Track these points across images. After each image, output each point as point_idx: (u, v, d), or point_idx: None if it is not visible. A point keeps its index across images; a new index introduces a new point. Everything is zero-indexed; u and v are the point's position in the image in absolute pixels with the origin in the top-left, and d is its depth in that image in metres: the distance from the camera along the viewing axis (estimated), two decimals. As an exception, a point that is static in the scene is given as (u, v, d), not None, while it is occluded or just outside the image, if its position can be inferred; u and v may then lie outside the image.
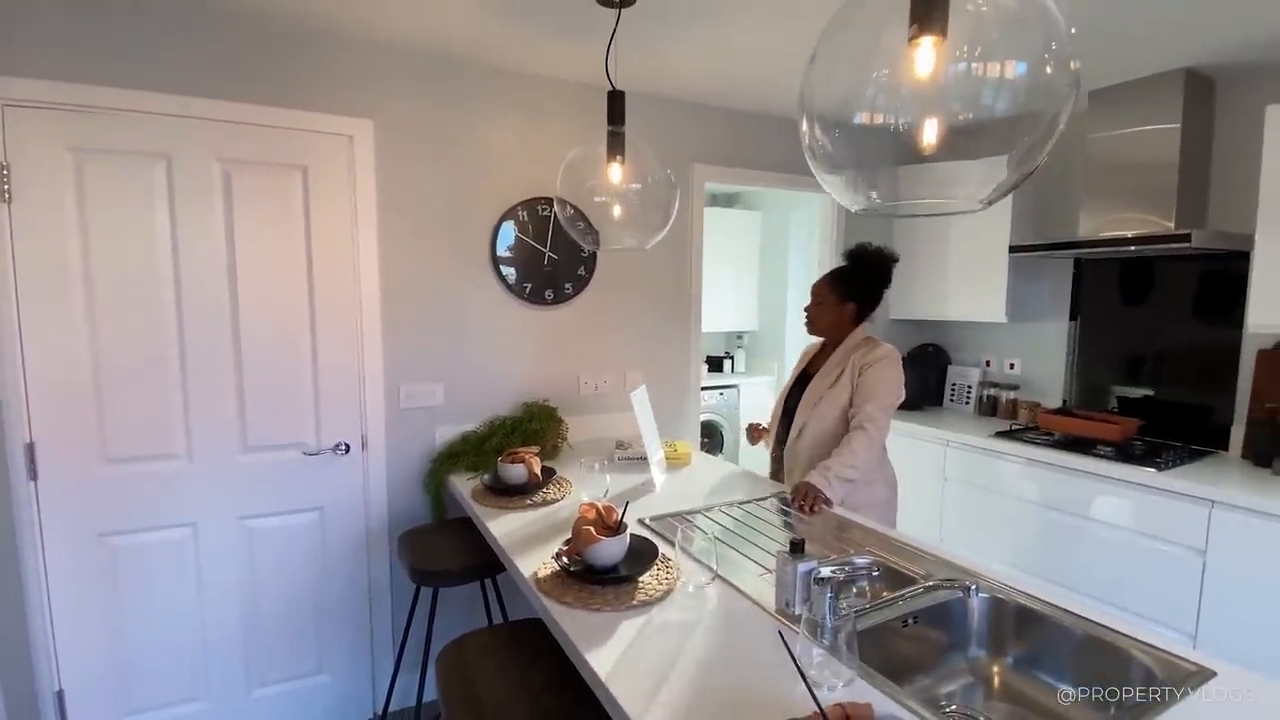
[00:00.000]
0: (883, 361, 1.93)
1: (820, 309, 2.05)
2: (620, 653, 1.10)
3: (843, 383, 1.97)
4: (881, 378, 1.91)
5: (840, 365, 1.99)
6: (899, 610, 1.26)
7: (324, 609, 2.22)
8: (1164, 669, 1.06)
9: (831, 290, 2.04)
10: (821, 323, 2.07)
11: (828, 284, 2.06)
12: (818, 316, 2.07)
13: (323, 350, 2.14)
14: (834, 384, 1.98)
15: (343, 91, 2.11)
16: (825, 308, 2.04)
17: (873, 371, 1.92)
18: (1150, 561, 2.22)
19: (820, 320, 2.06)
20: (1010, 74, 0.85)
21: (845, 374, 1.97)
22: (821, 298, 2.05)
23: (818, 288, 2.07)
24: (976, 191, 0.91)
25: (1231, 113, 2.44)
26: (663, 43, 2.13)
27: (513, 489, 1.91)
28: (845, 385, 1.96)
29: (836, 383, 1.98)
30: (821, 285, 2.07)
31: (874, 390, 1.90)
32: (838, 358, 2.02)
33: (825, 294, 2.04)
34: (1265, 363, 2.38)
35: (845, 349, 2.02)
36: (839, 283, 2.04)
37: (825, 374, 2.03)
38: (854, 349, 2.00)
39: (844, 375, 1.97)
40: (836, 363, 2.01)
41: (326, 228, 2.12)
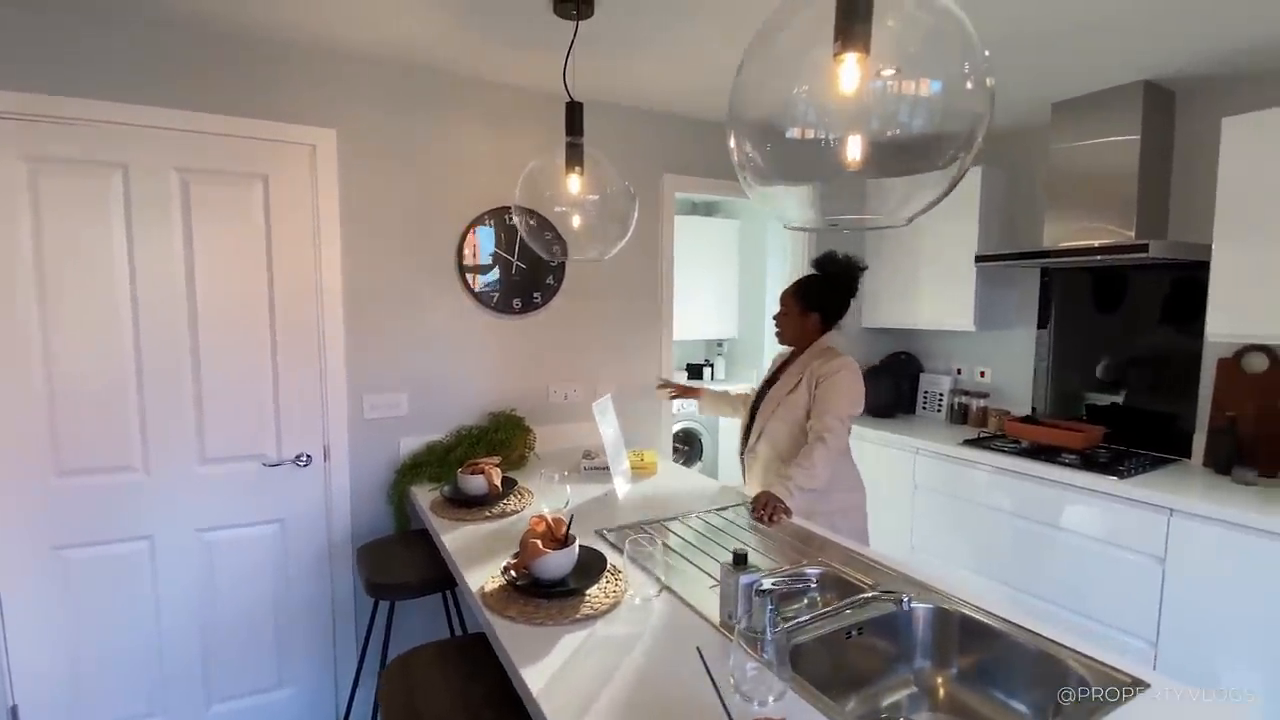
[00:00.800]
0: (839, 373, 1.94)
1: (786, 319, 2.09)
2: (557, 668, 1.09)
3: (800, 391, 1.99)
4: (838, 389, 1.92)
5: (799, 374, 2.02)
6: (844, 622, 1.26)
7: (285, 622, 2.20)
8: (1099, 679, 1.06)
9: (795, 300, 2.07)
10: (787, 332, 2.10)
11: (791, 294, 2.08)
12: (784, 326, 2.10)
13: (284, 361, 2.13)
14: (791, 391, 2.01)
15: (305, 101, 2.11)
16: (790, 318, 2.07)
17: (829, 383, 1.93)
18: (1113, 569, 2.24)
19: (786, 330, 2.10)
20: (928, 92, 0.85)
21: (803, 383, 2.00)
22: (786, 308, 2.08)
23: (784, 298, 2.10)
24: (900, 207, 0.92)
25: (1191, 124, 2.48)
26: (626, 54, 2.14)
27: (472, 500, 1.90)
28: (802, 394, 1.99)
29: (794, 390, 2.01)
30: (786, 295, 2.10)
31: (831, 401, 1.91)
32: (798, 366, 2.05)
33: (789, 304, 2.07)
34: (1225, 371, 2.40)
35: (806, 358, 2.05)
36: (802, 293, 2.07)
37: (785, 381, 2.06)
38: (813, 358, 2.02)
39: (801, 384, 2.00)
40: (796, 371, 2.04)
41: (288, 237, 2.11)
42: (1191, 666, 2.05)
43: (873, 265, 3.40)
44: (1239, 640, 1.95)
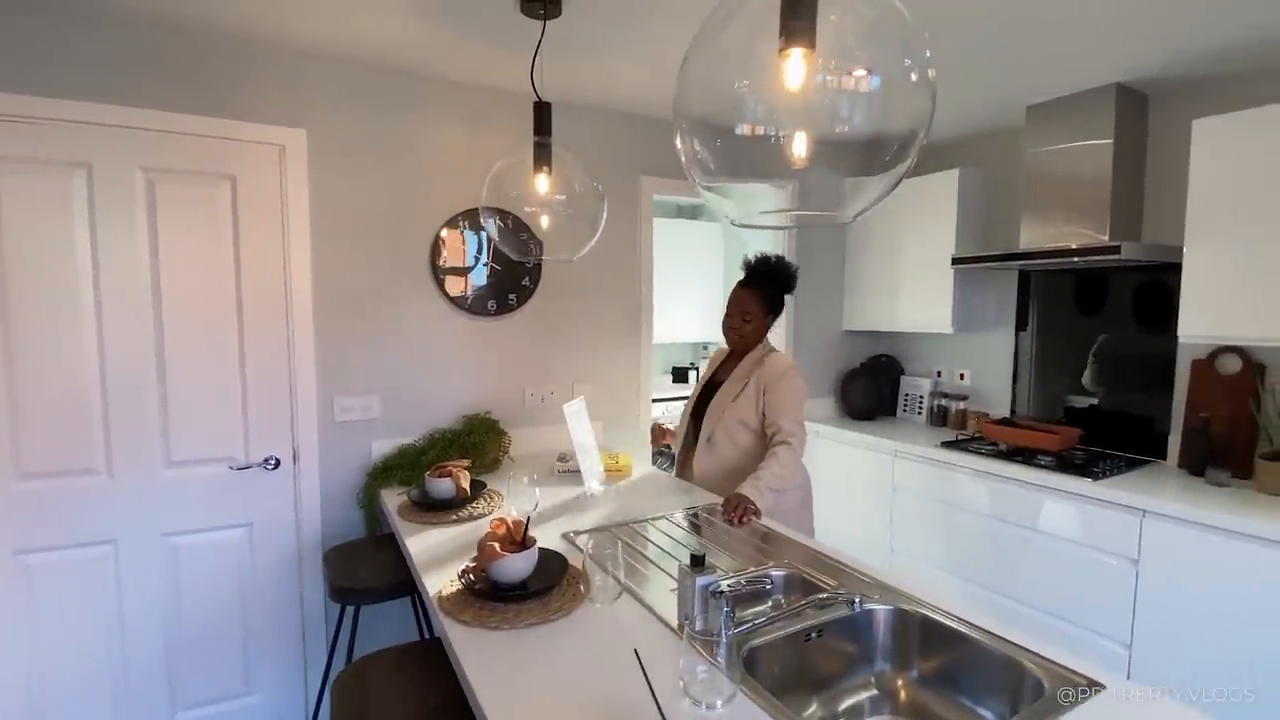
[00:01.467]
0: (785, 378, 1.99)
1: (747, 325, 2.07)
2: (508, 673, 1.07)
3: (747, 395, 2.02)
4: (789, 392, 1.98)
5: (745, 377, 2.05)
6: (804, 624, 1.24)
7: (254, 628, 2.17)
8: (1054, 681, 1.05)
9: (761, 305, 2.07)
10: (749, 340, 2.09)
11: (757, 300, 2.07)
12: (747, 334, 2.08)
13: (252, 363, 2.10)
14: (738, 396, 2.04)
15: (274, 101, 2.09)
16: (755, 323, 2.07)
17: (780, 387, 1.98)
18: (1087, 571, 2.23)
19: (751, 335, 2.09)
20: (870, 89, 0.85)
21: (750, 387, 2.02)
22: (750, 313, 2.06)
23: (744, 301, 2.06)
24: (845, 205, 0.91)
25: (1163, 127, 2.49)
26: (596, 55, 2.13)
27: (439, 504, 1.88)
28: (750, 398, 2.01)
29: (741, 395, 2.03)
30: (750, 301, 2.06)
31: (784, 406, 1.96)
32: (744, 369, 2.08)
33: (755, 309, 2.06)
34: (1199, 372, 2.41)
35: (751, 360, 2.08)
36: (768, 299, 2.08)
37: (732, 384, 2.08)
38: (758, 361, 2.06)
39: (748, 388, 2.02)
40: (742, 374, 2.06)
41: (257, 238, 2.09)
42: (1165, 668, 2.04)
43: (853, 267, 3.41)
44: (1212, 641, 1.94)
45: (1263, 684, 1.84)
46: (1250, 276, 2.05)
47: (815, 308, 3.39)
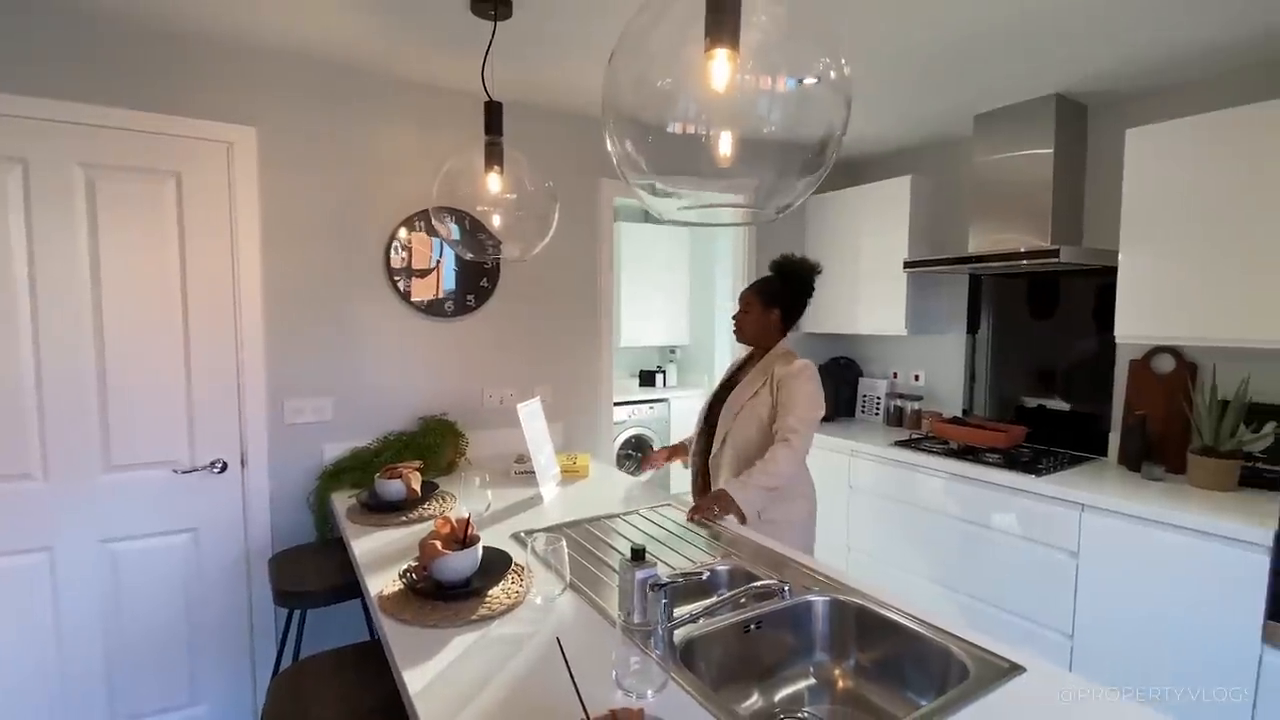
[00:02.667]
0: (799, 376, 1.93)
1: (746, 316, 2.07)
2: (441, 669, 1.07)
3: (762, 395, 1.97)
4: (801, 391, 1.91)
5: (762, 377, 2.00)
6: (744, 616, 1.26)
7: (199, 636, 2.12)
8: (979, 665, 1.09)
9: (756, 297, 2.05)
10: (748, 330, 2.08)
11: (753, 291, 2.08)
12: (744, 324, 2.08)
13: (198, 364, 2.06)
14: (754, 395, 1.98)
15: (222, 97, 2.06)
16: (751, 315, 2.06)
17: (791, 385, 1.92)
18: (1031, 565, 2.30)
19: (746, 328, 2.07)
20: (788, 90, 0.87)
21: (765, 386, 1.97)
22: (747, 305, 2.06)
23: (744, 295, 2.09)
24: (768, 201, 0.93)
25: (1101, 136, 2.59)
26: (549, 56, 2.14)
27: (389, 506, 1.86)
28: (765, 398, 1.96)
29: (757, 395, 1.98)
30: (748, 293, 2.09)
31: (794, 404, 1.90)
32: (760, 369, 2.03)
33: (751, 301, 2.06)
34: (1136, 372, 2.51)
35: (768, 360, 2.03)
36: (763, 290, 2.06)
37: (747, 385, 2.02)
38: (774, 361, 2.01)
39: (764, 387, 1.97)
40: (758, 374, 2.02)
41: (203, 237, 2.06)
42: (1105, 657, 2.11)
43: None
44: (1148, 629, 2.02)
45: (1192, 667, 1.91)
46: (1182, 279, 2.15)
47: (775, 310, 3.44)
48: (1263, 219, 1.96)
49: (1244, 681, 1.81)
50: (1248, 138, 1.99)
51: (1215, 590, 1.87)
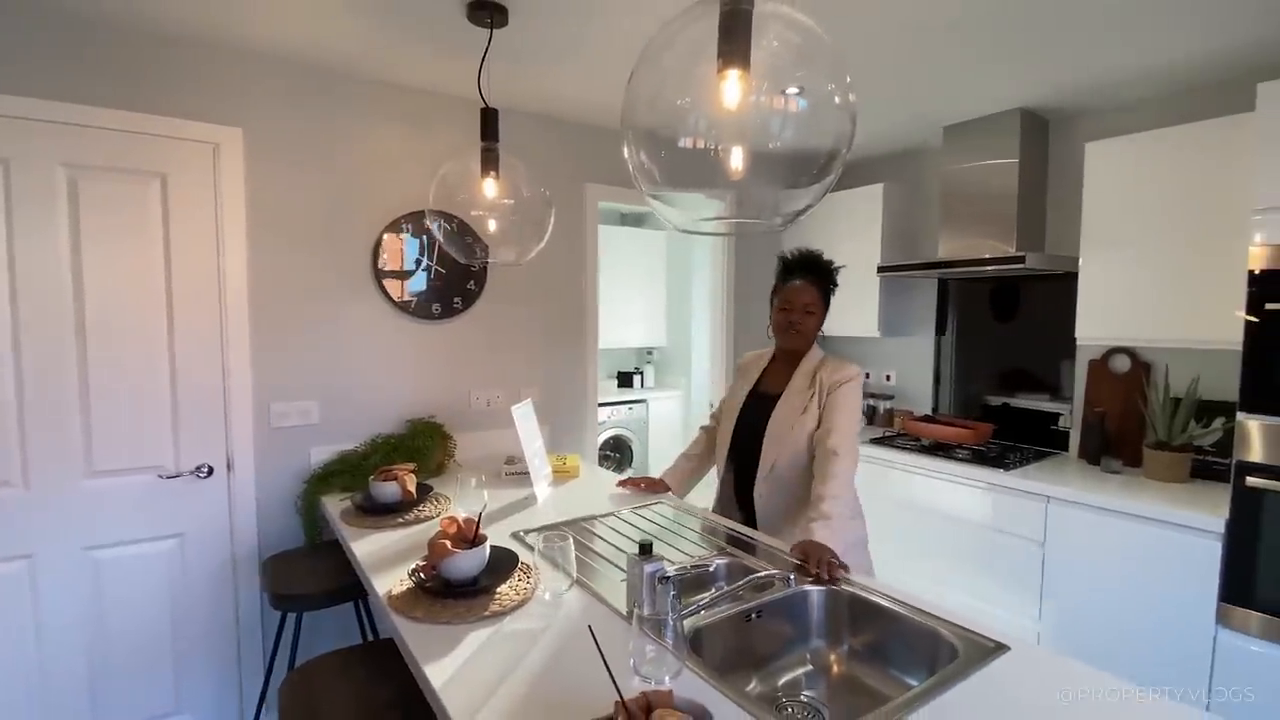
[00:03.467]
0: (854, 381, 1.76)
1: (811, 318, 1.81)
2: (461, 664, 1.10)
3: (813, 407, 1.75)
4: (854, 396, 1.74)
5: (809, 387, 1.78)
6: (744, 606, 1.32)
7: (185, 643, 2.09)
8: (966, 645, 1.17)
9: (821, 302, 1.82)
10: (809, 337, 1.83)
11: (819, 293, 1.82)
12: (810, 328, 1.81)
13: (183, 368, 2.03)
14: (805, 410, 1.76)
15: (208, 98, 2.04)
16: (815, 317, 1.81)
17: (843, 390, 1.74)
18: (1001, 554, 2.42)
19: (808, 334, 1.82)
20: (799, 109, 0.93)
21: (814, 397, 1.76)
22: (814, 306, 1.80)
23: (809, 296, 1.80)
24: (776, 213, 0.99)
25: (1062, 148, 2.74)
26: (543, 64, 2.18)
27: (384, 508, 1.87)
28: (814, 410, 1.75)
29: (807, 409, 1.76)
30: (813, 293, 1.81)
31: (844, 411, 1.72)
32: (803, 378, 1.80)
33: (818, 303, 1.81)
34: (1094, 372, 2.66)
35: (809, 367, 1.81)
36: (826, 294, 1.83)
37: (793, 398, 1.79)
38: (818, 367, 1.80)
39: (813, 399, 1.76)
40: (804, 384, 1.79)
41: (189, 239, 2.03)
42: (1071, 640, 2.24)
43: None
44: (1110, 613, 2.15)
45: (1152, 647, 2.05)
46: (1137, 284, 2.29)
47: (754, 313, 3.53)
48: (1210, 228, 2.12)
49: (1200, 659, 1.95)
50: (1196, 152, 2.14)
51: (1172, 575, 2.01)
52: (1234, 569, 1.89)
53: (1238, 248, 1.96)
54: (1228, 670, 1.90)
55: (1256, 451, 1.86)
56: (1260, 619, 1.84)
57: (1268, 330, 1.83)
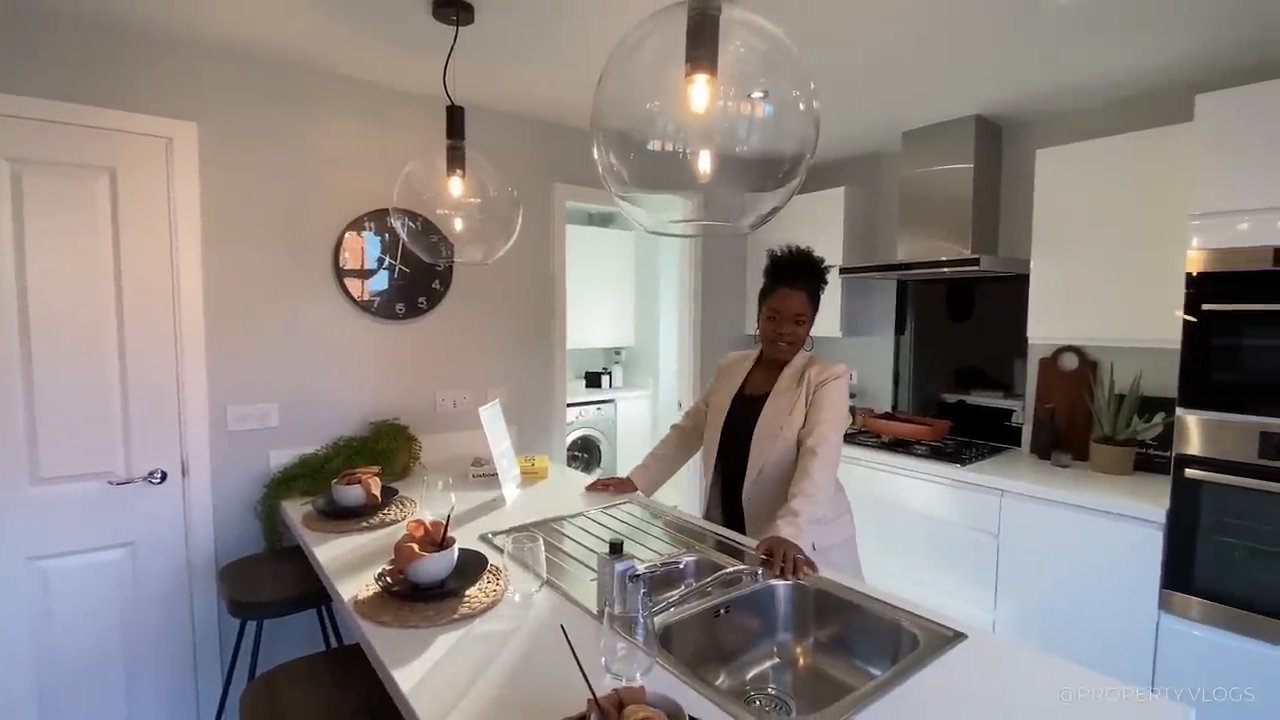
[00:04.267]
0: (840, 379, 1.73)
1: (801, 328, 1.77)
2: (430, 667, 1.09)
3: (799, 408, 1.73)
4: (839, 393, 1.72)
5: (796, 388, 1.75)
6: (713, 602, 1.34)
7: (137, 653, 2.01)
8: (927, 635, 1.21)
9: (813, 308, 1.78)
10: (799, 345, 1.80)
11: (807, 299, 1.76)
12: (800, 339, 1.78)
13: (134, 370, 1.96)
14: (792, 410, 1.73)
15: (161, 91, 1.97)
16: (805, 326, 1.77)
17: (828, 389, 1.71)
18: (958, 546, 2.51)
19: (800, 342, 1.79)
20: (765, 115, 0.95)
21: (801, 397, 1.73)
22: (804, 315, 1.76)
23: (798, 305, 1.75)
24: (743, 216, 1.01)
25: (1014, 154, 2.84)
26: (510, 62, 2.17)
27: (348, 512, 1.83)
28: (802, 410, 1.73)
29: (794, 409, 1.73)
30: (802, 300, 1.76)
31: (828, 408, 1.69)
32: (789, 379, 1.78)
33: (807, 311, 1.77)
34: (1045, 370, 2.76)
35: (796, 367, 1.79)
36: (815, 298, 1.78)
37: (780, 398, 1.76)
38: (806, 366, 1.78)
39: (800, 399, 1.73)
40: (791, 384, 1.77)
41: (140, 236, 1.96)
42: (1024, 626, 2.33)
43: (754, 275, 3.61)
44: (1061, 600, 2.24)
45: (1100, 632, 2.14)
46: (1085, 286, 2.39)
47: (720, 313, 3.57)
48: (1151, 232, 2.22)
49: (1144, 643, 2.05)
50: (1139, 160, 2.25)
51: (1117, 563, 2.10)
52: (1174, 557, 1.99)
53: (1177, 251, 2.06)
54: (1170, 653, 2.00)
55: (1194, 445, 1.96)
56: (1200, 604, 1.94)
57: (1204, 330, 1.94)
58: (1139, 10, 1.78)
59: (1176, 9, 1.77)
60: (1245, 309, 1.86)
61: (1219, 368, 1.91)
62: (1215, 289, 1.91)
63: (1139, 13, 1.79)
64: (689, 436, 2.11)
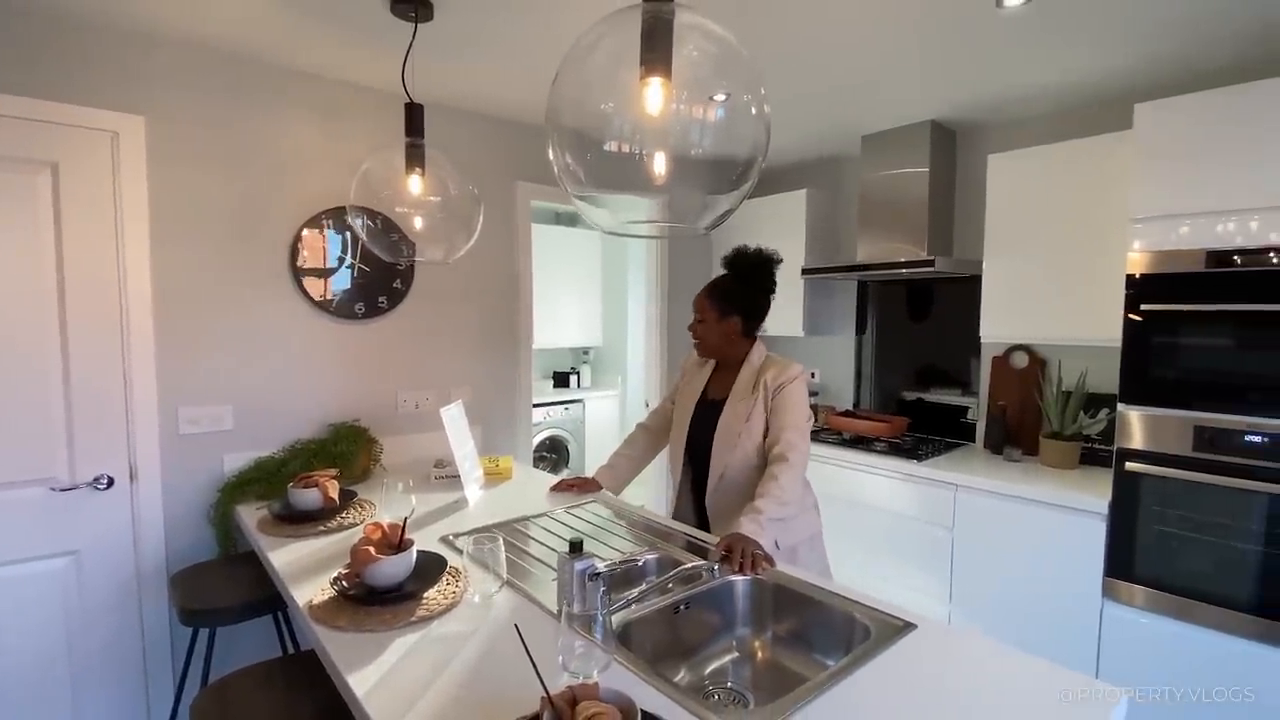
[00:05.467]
0: (797, 381, 1.75)
1: (703, 326, 1.82)
2: (386, 670, 1.08)
3: (757, 413, 1.75)
4: (798, 396, 1.74)
5: (752, 393, 1.76)
6: (673, 598, 1.35)
7: (84, 665, 1.94)
8: (879, 626, 1.24)
9: (711, 303, 1.80)
10: (708, 342, 1.83)
11: (705, 297, 1.82)
12: (703, 335, 1.83)
13: (78, 371, 1.89)
14: (749, 417, 1.75)
15: (106, 83, 1.91)
16: (708, 325, 1.81)
17: (786, 393, 1.73)
18: (916, 540, 2.57)
19: (707, 339, 1.83)
20: (717, 118, 0.97)
21: (759, 403, 1.75)
22: (702, 314, 1.81)
23: (698, 303, 1.83)
24: (699, 217, 1.03)
25: (968, 159, 2.93)
26: (470, 60, 2.15)
27: (305, 516, 1.80)
28: (760, 415, 1.75)
29: (751, 415, 1.75)
30: (700, 300, 1.83)
31: (790, 412, 1.71)
32: (745, 383, 1.78)
33: (705, 309, 1.81)
34: (997, 368, 2.85)
35: (751, 372, 1.79)
36: (716, 295, 1.80)
37: (737, 404, 1.78)
38: (762, 370, 1.78)
39: (757, 404, 1.75)
40: (746, 390, 1.78)
41: (85, 232, 1.89)
42: (978, 616, 2.40)
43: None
44: (1012, 589, 2.31)
45: (1049, 619, 2.22)
46: (1034, 286, 2.48)
47: (687, 313, 3.58)
48: (1096, 235, 2.31)
49: (1090, 630, 2.13)
50: (1083, 166, 2.33)
51: (1063, 554, 2.19)
52: (1116, 546, 2.08)
53: (1119, 254, 2.15)
54: (1114, 638, 2.09)
55: (1135, 439, 2.05)
56: (1142, 591, 2.03)
57: (1144, 329, 2.02)
58: (1078, 23, 1.85)
59: (1113, 23, 1.85)
60: (1181, 309, 1.95)
61: (1157, 365, 2.00)
62: (1153, 290, 2.00)
63: (1078, 25, 1.87)
64: (655, 436, 2.13)
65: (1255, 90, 1.82)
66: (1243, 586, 1.85)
